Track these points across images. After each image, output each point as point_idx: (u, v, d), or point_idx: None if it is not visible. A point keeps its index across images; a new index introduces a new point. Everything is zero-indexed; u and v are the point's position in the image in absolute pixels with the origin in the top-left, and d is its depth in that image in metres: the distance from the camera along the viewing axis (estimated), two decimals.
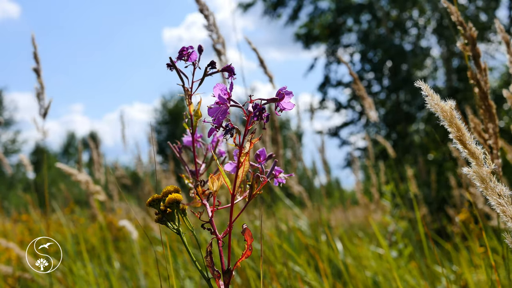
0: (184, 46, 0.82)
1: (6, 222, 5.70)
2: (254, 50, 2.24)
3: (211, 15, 1.96)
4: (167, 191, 0.91)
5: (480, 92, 1.42)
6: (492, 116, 1.40)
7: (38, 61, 2.05)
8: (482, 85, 1.41)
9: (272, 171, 0.90)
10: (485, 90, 1.41)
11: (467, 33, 1.45)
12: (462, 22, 1.46)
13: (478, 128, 1.45)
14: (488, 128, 1.41)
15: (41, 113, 2.08)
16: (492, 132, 1.41)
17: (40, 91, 2.06)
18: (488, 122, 1.41)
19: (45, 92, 2.06)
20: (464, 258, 2.83)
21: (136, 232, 2.54)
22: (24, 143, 30.66)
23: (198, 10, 1.95)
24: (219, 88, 0.76)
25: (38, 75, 2.05)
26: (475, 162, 0.78)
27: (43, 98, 2.06)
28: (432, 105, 0.81)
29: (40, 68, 2.05)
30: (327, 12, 10.91)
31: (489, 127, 1.41)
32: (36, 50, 2.04)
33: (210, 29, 1.98)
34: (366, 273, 2.68)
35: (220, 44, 2.01)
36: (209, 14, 1.95)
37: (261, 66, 2.31)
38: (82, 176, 2.44)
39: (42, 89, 2.06)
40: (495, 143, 1.40)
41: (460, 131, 0.79)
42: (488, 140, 1.41)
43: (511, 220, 0.75)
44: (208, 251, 0.90)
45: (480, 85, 1.41)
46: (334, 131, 10.60)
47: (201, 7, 1.95)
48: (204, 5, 1.95)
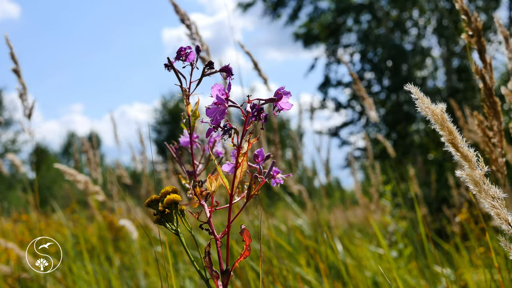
0: (182, 46, 0.82)
1: (6, 222, 5.70)
2: (247, 53, 2.24)
3: (193, 24, 1.96)
4: (165, 192, 0.91)
5: (485, 88, 1.35)
6: (497, 114, 1.35)
7: (17, 62, 2.01)
8: (487, 81, 1.35)
9: (270, 171, 0.90)
10: (490, 86, 1.36)
11: (472, 24, 1.38)
12: (467, 11, 1.39)
13: (482, 126, 1.39)
14: (492, 126, 1.36)
15: (26, 113, 2.04)
16: (496, 130, 1.35)
17: (23, 92, 2.02)
18: (492, 119, 1.36)
19: (28, 93, 2.03)
20: (464, 258, 2.83)
21: (136, 232, 2.54)
22: (24, 143, 30.66)
23: (179, 20, 1.94)
24: (217, 88, 0.76)
25: (18, 76, 2.02)
26: (467, 165, 0.77)
27: (26, 98, 2.03)
28: (422, 108, 0.80)
29: (20, 69, 2.02)
30: (327, 12, 10.91)
31: (494, 125, 1.36)
32: (13, 51, 2.00)
33: (193, 38, 1.97)
34: (366, 274, 2.68)
35: (205, 52, 2.01)
36: (191, 23, 1.95)
37: (256, 69, 2.30)
38: (81, 176, 2.44)
39: (25, 90, 2.02)
40: (499, 141, 1.35)
41: (452, 134, 0.78)
42: (493, 138, 1.36)
43: (506, 222, 0.74)
44: (206, 252, 0.90)
45: (485, 80, 1.35)
46: (334, 131, 10.59)
47: (181, 16, 1.95)
48: (185, 14, 1.94)
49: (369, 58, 10.23)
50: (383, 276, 2.53)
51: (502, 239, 0.77)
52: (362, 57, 10.31)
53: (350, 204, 8.07)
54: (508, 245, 0.77)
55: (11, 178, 21.37)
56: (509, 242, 0.78)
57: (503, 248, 0.77)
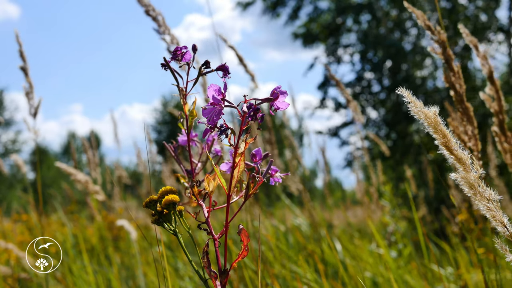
0: (178, 46, 0.81)
1: (6, 222, 5.69)
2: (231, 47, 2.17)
3: (159, 15, 1.77)
4: (163, 192, 0.91)
5: (456, 95, 1.43)
6: (470, 119, 1.41)
7: (25, 59, 1.98)
8: (457, 88, 1.42)
9: (268, 170, 0.90)
10: (461, 93, 1.43)
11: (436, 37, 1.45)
12: (429, 26, 1.46)
13: (457, 131, 1.46)
14: (467, 131, 1.42)
15: (31, 112, 2.02)
16: (471, 134, 1.42)
17: (29, 90, 2.00)
18: (466, 124, 1.42)
19: (34, 91, 2.00)
20: (463, 258, 2.83)
21: (135, 232, 2.54)
22: (25, 143, 30.67)
23: (144, 12, 1.75)
24: (213, 88, 0.76)
25: (26, 74, 1.99)
26: (462, 167, 0.77)
27: (32, 97, 2.00)
28: (415, 112, 0.79)
29: (28, 67, 1.99)
30: (326, 12, 10.90)
31: (468, 129, 1.42)
32: (22, 48, 1.97)
33: (162, 31, 1.78)
34: (365, 274, 2.68)
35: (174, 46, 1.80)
36: (157, 14, 1.76)
37: (241, 64, 2.23)
38: (81, 176, 2.43)
39: (31, 88, 2.00)
40: (475, 145, 1.41)
41: (446, 137, 0.78)
42: (468, 142, 1.42)
43: (501, 224, 0.74)
44: (204, 252, 0.89)
45: (455, 88, 1.42)
46: (334, 131, 10.58)
47: (146, 8, 1.75)
48: (149, 5, 1.75)
49: (369, 58, 10.22)
50: (382, 276, 2.53)
51: (497, 241, 0.76)
52: (362, 57, 10.30)
53: (350, 204, 8.07)
54: (504, 247, 0.77)
55: (12, 178, 21.38)
56: (505, 244, 0.77)
57: (499, 250, 0.77)
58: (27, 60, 1.99)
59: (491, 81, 1.55)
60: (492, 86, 1.55)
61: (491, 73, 1.55)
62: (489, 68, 1.55)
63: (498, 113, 1.55)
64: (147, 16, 1.76)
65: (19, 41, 1.98)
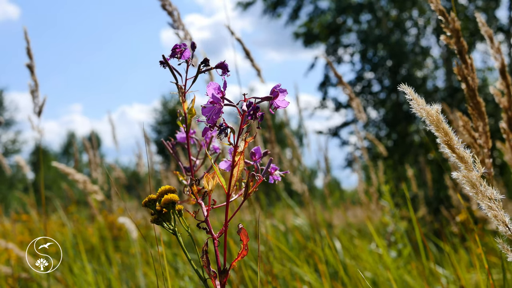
0: (177, 44, 0.81)
1: (6, 222, 5.69)
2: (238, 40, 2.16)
3: (175, 10, 1.77)
4: (163, 191, 0.90)
5: (468, 89, 1.33)
6: (481, 114, 1.32)
7: (32, 57, 1.97)
8: (469, 82, 1.33)
9: (267, 168, 0.89)
10: (473, 87, 1.33)
11: (450, 25, 1.34)
12: (443, 11, 1.35)
13: (467, 127, 1.36)
14: (477, 127, 1.34)
15: (36, 111, 2.00)
16: (482, 131, 1.33)
17: (34, 89, 1.98)
18: (477, 120, 1.33)
19: (39, 90, 1.99)
20: (462, 258, 2.83)
21: (135, 231, 2.54)
22: (24, 143, 30.66)
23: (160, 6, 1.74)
24: (213, 87, 0.76)
25: (31, 72, 1.97)
26: (464, 166, 0.75)
27: (37, 95, 1.99)
28: (417, 109, 0.78)
29: (34, 65, 1.98)
30: (327, 11, 10.90)
31: (479, 126, 1.33)
32: (29, 45, 1.96)
33: (176, 26, 1.78)
34: (365, 274, 2.67)
35: (188, 41, 1.83)
36: (173, 9, 1.76)
37: (248, 58, 2.22)
38: (79, 175, 2.43)
39: (36, 87, 1.98)
40: (485, 142, 1.32)
41: (448, 136, 0.77)
42: (478, 139, 1.34)
43: (503, 224, 0.73)
44: (203, 251, 0.89)
45: (467, 81, 1.33)
46: (334, 131, 10.58)
47: (162, 2, 1.74)
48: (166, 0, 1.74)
49: (369, 58, 10.21)
50: (382, 276, 2.53)
51: (499, 241, 0.76)
52: (362, 57, 10.30)
53: (350, 204, 8.06)
54: (505, 247, 0.76)
55: (12, 178, 21.39)
56: (507, 244, 0.76)
57: (501, 250, 0.76)
58: (33, 58, 1.97)
59: (502, 75, 1.44)
60: (503, 81, 1.44)
61: (504, 67, 1.44)
62: (501, 61, 1.44)
63: (508, 109, 1.43)
64: (163, 10, 1.76)
65: (27, 38, 1.97)
